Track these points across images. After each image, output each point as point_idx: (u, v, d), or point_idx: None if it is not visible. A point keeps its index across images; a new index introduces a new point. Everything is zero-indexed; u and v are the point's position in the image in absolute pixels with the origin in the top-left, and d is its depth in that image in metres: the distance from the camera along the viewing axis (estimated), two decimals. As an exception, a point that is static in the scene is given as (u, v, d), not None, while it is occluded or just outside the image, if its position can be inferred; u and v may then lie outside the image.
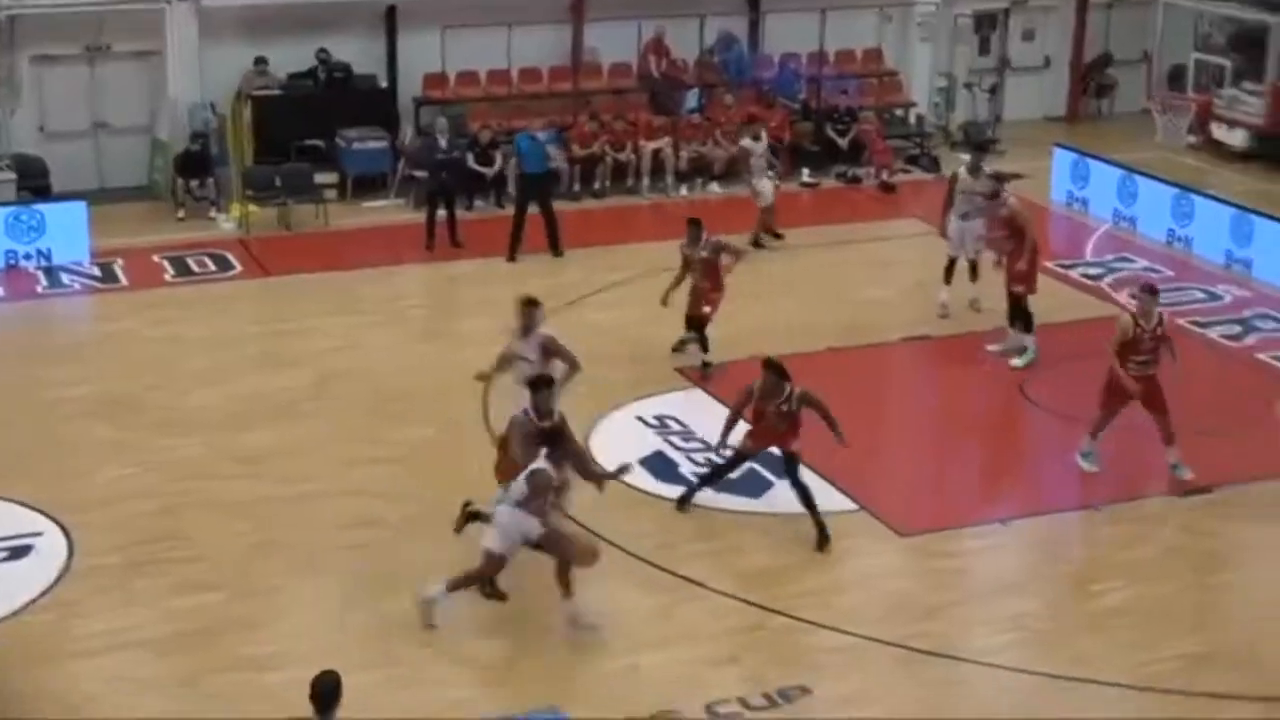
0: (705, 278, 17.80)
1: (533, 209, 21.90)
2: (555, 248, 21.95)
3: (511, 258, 21.69)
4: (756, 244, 22.13)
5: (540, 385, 13.57)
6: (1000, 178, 19.69)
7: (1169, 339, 15.58)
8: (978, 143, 21.22)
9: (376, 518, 14.63)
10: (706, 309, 17.76)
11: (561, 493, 13.34)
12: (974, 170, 19.56)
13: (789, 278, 21.05)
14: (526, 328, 14.87)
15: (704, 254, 17.74)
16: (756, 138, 22.81)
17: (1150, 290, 15.74)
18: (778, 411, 14.29)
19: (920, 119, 28.27)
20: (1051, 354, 18.31)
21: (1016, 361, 18.19)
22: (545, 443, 12.95)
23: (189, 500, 14.91)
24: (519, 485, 12.68)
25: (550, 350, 14.74)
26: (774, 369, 14.38)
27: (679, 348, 18.20)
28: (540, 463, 12.72)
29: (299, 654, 12.29)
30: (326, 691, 9.20)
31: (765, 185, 22.56)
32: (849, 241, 22.78)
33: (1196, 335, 19.61)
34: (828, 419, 14.21)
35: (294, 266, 21.33)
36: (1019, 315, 18.30)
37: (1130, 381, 15.27)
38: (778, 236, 22.78)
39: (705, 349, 17.81)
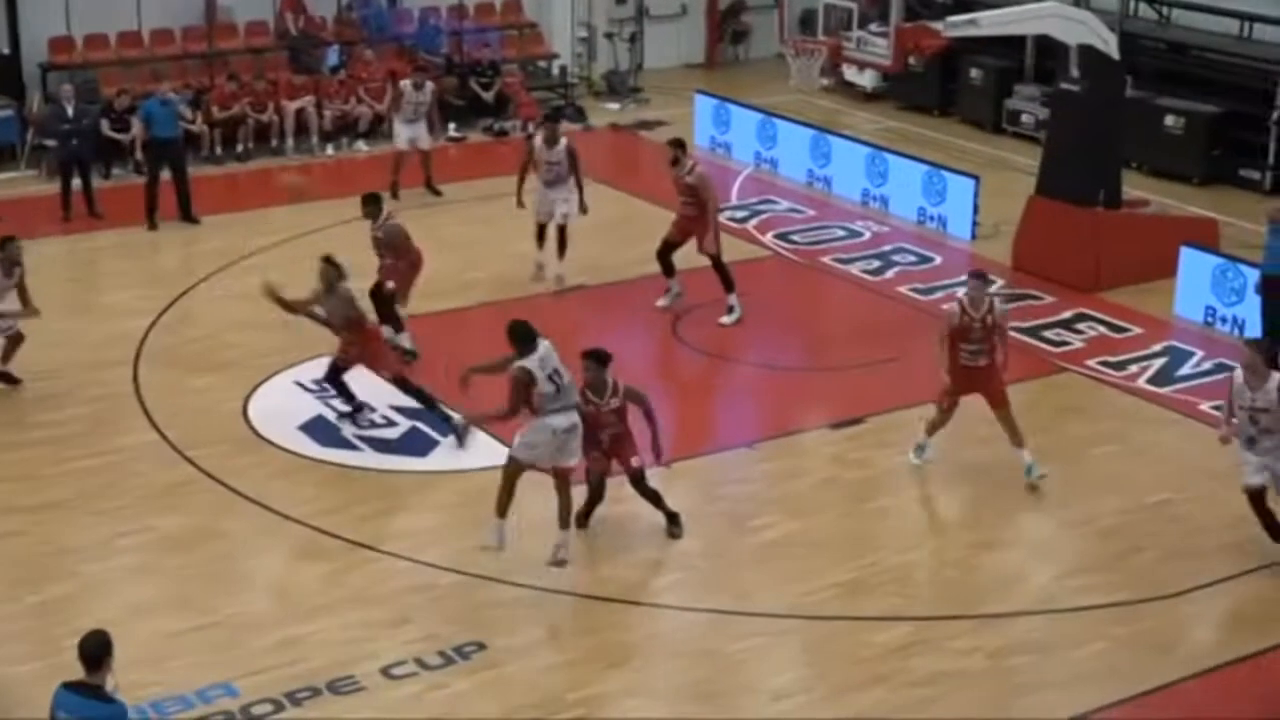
0: (386, 255, 17.17)
1: (166, 174, 21.39)
2: (188, 214, 21.49)
3: (152, 225, 21.16)
4: (394, 194, 22.12)
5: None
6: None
7: (1002, 329, 14.78)
8: (549, 114, 21.79)
9: (26, 504, 14.18)
10: (389, 285, 17.12)
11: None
12: (551, 141, 19.35)
13: (440, 234, 21.05)
14: None
15: (378, 235, 17.08)
16: (418, 86, 22.65)
17: (979, 276, 14.92)
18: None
19: (563, 70, 28.52)
20: (702, 296, 18.77)
21: (725, 319, 18.45)
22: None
23: None
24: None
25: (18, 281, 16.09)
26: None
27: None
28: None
29: (-46, 649, 11.90)
30: (92, 650, 9.05)
31: (419, 132, 22.55)
32: (498, 195, 22.82)
33: (840, 272, 20.35)
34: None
35: (-79, 245, 20.34)
36: (721, 274, 18.53)
37: (951, 373, 14.70)
38: (436, 193, 22.77)
39: (398, 328, 17.16)
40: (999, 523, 14.46)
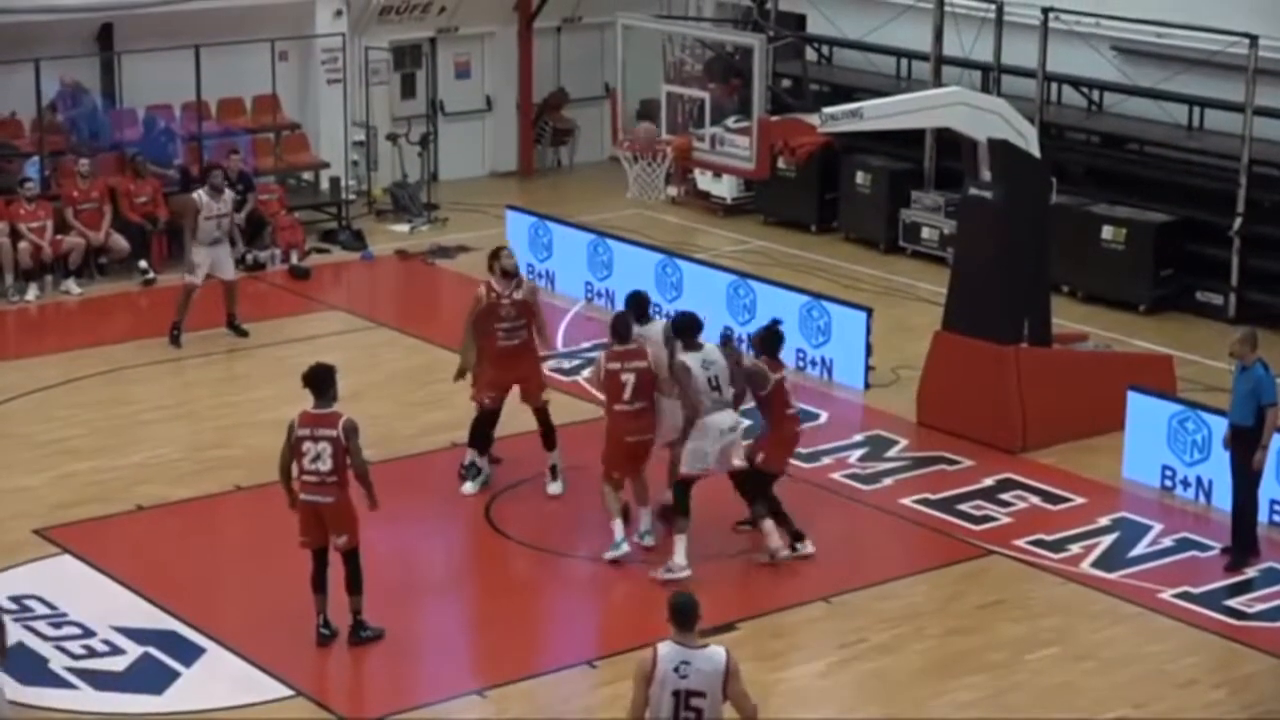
0: None
1: None
2: None
3: None
4: (175, 340, 22.50)
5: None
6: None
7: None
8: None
9: None
10: None
11: None
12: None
13: (178, 399, 20.87)
14: None
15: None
16: (217, 190, 22.87)
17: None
18: None
19: (336, 183, 28.52)
20: (518, 470, 18.81)
21: (554, 487, 18.56)
22: None
23: None
24: None
25: None
26: None
27: None
28: None
29: None
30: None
31: (220, 255, 22.78)
32: (255, 346, 22.71)
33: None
34: None
35: None
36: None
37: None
38: (241, 333, 22.95)
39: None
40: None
